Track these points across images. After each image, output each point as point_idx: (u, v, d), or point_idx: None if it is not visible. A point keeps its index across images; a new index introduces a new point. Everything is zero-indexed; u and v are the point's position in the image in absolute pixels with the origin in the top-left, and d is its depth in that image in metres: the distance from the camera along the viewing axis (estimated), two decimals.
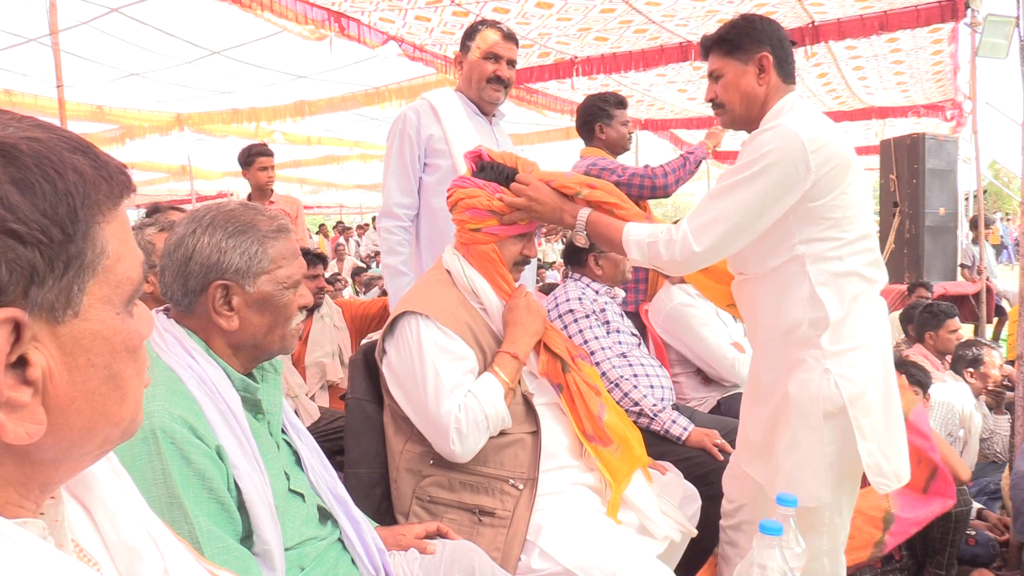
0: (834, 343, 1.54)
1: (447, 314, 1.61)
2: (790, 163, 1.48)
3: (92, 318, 0.51)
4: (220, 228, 1.14)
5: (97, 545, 0.61)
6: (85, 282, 0.50)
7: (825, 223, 1.54)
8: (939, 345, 3.54)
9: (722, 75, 1.67)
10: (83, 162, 0.51)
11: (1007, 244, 16.34)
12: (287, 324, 1.20)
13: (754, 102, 1.64)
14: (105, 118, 7.00)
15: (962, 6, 4.32)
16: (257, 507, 1.05)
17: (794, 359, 1.59)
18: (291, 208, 4.53)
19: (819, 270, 1.55)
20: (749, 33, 1.63)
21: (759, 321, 1.69)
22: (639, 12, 4.54)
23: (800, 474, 1.56)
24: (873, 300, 1.61)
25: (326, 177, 13.26)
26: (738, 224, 1.52)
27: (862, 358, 1.55)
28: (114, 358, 0.53)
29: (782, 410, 1.61)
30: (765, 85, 1.63)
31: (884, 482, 1.55)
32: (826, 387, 1.54)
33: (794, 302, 1.57)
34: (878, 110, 7.53)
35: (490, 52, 2.32)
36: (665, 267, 1.62)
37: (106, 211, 0.52)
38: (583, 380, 1.72)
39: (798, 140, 1.47)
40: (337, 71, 5.91)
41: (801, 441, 1.57)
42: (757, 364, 1.75)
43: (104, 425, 0.54)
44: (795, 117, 1.54)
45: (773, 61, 1.62)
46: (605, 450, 1.66)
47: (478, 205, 1.67)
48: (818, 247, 1.55)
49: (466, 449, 1.53)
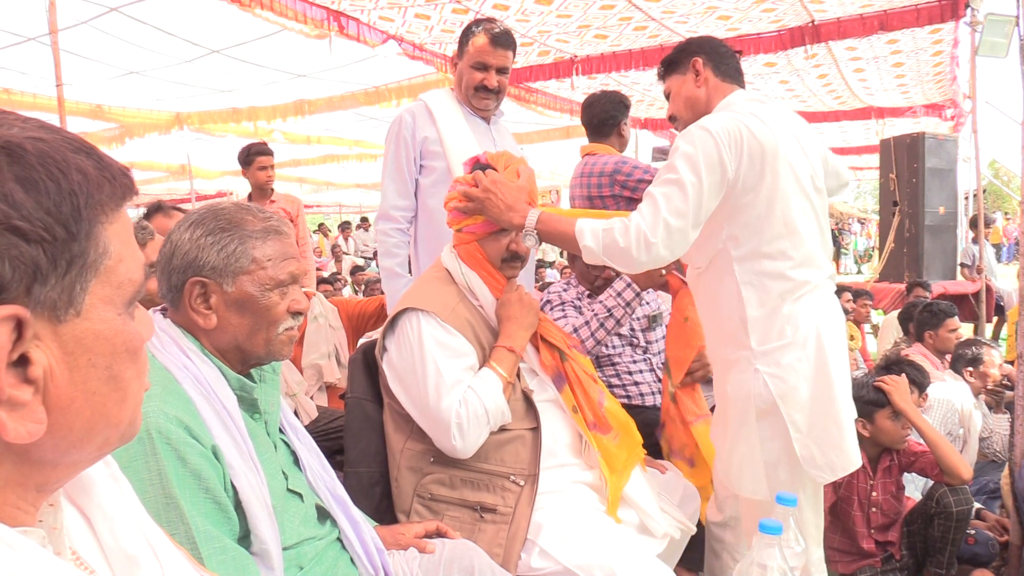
0: (762, 343, 1.59)
1: (448, 310, 1.62)
2: (707, 160, 1.52)
3: (94, 318, 0.51)
4: (203, 225, 1.13)
5: (95, 552, 0.61)
6: (88, 281, 0.50)
7: (749, 219, 1.58)
8: (939, 344, 3.54)
9: (670, 92, 1.81)
10: (87, 163, 0.51)
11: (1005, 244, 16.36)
12: (272, 328, 1.16)
13: (697, 103, 1.75)
14: (104, 117, 6.99)
15: (962, 5, 4.32)
16: (254, 507, 1.05)
17: (731, 359, 1.65)
18: (292, 207, 4.52)
19: (744, 268, 1.59)
20: (682, 49, 1.79)
21: (703, 318, 1.77)
22: (639, 8, 4.54)
23: (741, 469, 1.64)
24: (807, 296, 1.61)
25: (326, 176, 13.26)
26: (679, 219, 1.53)
27: (792, 355, 1.58)
28: (115, 359, 0.53)
29: (725, 409, 1.69)
30: (704, 86, 1.75)
31: (819, 473, 1.60)
32: (756, 386, 1.59)
33: (724, 300, 1.63)
34: (877, 110, 7.53)
35: (478, 61, 2.29)
36: (621, 256, 1.56)
37: (109, 212, 0.52)
38: (581, 368, 1.75)
39: (709, 138, 1.53)
40: (337, 70, 5.91)
41: (741, 439, 1.63)
42: (711, 360, 1.81)
43: (103, 426, 0.54)
44: (716, 115, 1.61)
45: (704, 61, 1.74)
46: (604, 438, 1.68)
47: (453, 207, 1.72)
48: (742, 243, 1.59)
49: (467, 444, 1.54)
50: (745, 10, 4.63)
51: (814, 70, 6.14)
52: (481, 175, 1.69)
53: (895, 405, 2.35)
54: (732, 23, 4.90)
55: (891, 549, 2.45)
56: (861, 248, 21.12)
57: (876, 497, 2.42)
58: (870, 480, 2.42)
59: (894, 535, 2.46)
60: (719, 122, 1.56)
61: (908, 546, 2.46)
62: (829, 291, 1.68)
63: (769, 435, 1.59)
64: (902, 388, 2.39)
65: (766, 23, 4.92)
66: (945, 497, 2.30)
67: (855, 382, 2.54)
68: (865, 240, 21.56)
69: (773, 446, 1.59)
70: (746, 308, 1.59)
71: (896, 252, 6.00)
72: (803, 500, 1.62)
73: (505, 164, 1.76)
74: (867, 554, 2.43)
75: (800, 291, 1.60)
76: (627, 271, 1.61)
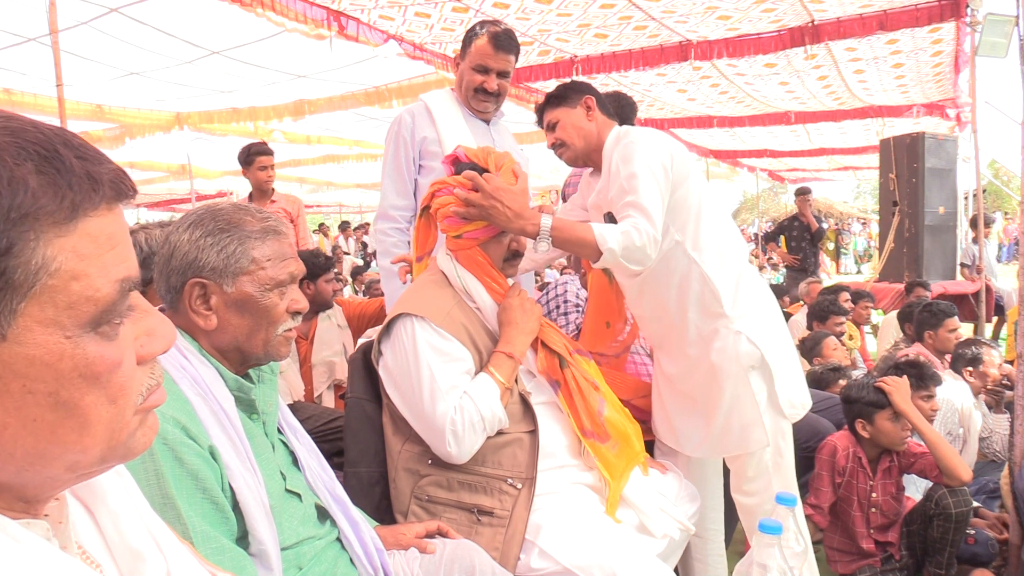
0: (736, 309, 1.81)
1: (442, 315, 1.60)
2: (656, 165, 1.72)
3: (27, 342, 0.46)
4: (202, 226, 1.13)
5: (100, 547, 0.60)
6: (15, 303, 0.46)
7: (688, 210, 1.79)
8: (938, 344, 3.54)
9: (557, 121, 1.94)
10: (30, 171, 0.46)
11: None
12: (271, 328, 1.16)
13: (589, 135, 1.92)
14: (105, 117, 6.99)
15: (962, 5, 4.32)
16: (251, 507, 1.05)
17: (708, 331, 1.83)
18: (292, 207, 4.52)
19: (700, 252, 1.80)
20: (571, 87, 1.97)
21: (663, 309, 1.89)
22: (639, 8, 4.54)
23: (742, 425, 1.82)
24: (747, 266, 1.90)
25: (326, 176, 13.25)
26: (659, 218, 1.69)
27: (761, 315, 1.85)
28: (63, 385, 0.48)
29: (712, 379, 1.83)
30: (594, 121, 1.92)
31: (795, 412, 1.86)
32: (743, 346, 1.79)
33: (687, 284, 1.82)
34: (877, 109, 7.53)
35: (479, 64, 2.28)
36: (638, 255, 1.67)
37: (52, 224, 0.47)
38: (582, 375, 1.72)
39: (646, 148, 1.74)
40: (337, 70, 5.91)
41: (737, 397, 1.81)
42: (673, 349, 1.92)
43: (60, 452, 0.50)
44: (634, 131, 1.82)
45: (596, 101, 1.93)
46: (603, 447, 1.65)
47: (452, 212, 1.66)
48: (688, 233, 1.80)
49: (462, 451, 1.53)
50: (745, 10, 4.63)
51: (814, 71, 6.14)
52: (482, 180, 1.63)
53: (895, 406, 2.35)
54: (732, 23, 4.90)
55: (891, 549, 2.45)
56: (861, 248, 21.12)
57: (876, 498, 2.42)
58: (870, 481, 2.43)
59: (894, 535, 2.46)
60: (644, 135, 1.78)
61: (908, 546, 2.46)
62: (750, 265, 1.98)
63: (759, 387, 1.81)
64: (903, 389, 2.39)
65: (766, 23, 4.93)
66: (944, 498, 2.30)
67: (855, 383, 2.55)
68: (865, 240, 21.56)
69: (762, 397, 1.81)
70: (715, 283, 1.79)
71: (896, 252, 6.01)
72: (782, 442, 1.85)
73: (497, 164, 1.71)
74: (867, 554, 2.43)
75: (742, 260, 1.87)
76: (638, 269, 1.71)
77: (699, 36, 5.20)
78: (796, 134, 9.84)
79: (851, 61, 5.81)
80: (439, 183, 1.73)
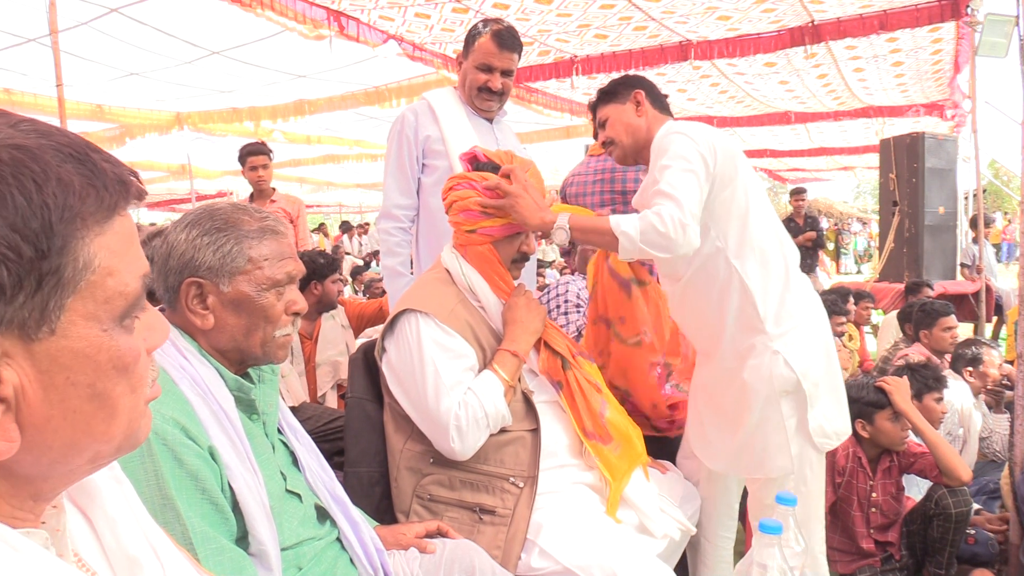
0: (777, 326, 1.69)
1: (446, 312, 1.61)
2: (695, 156, 1.63)
3: (72, 335, 0.49)
4: (199, 225, 1.13)
5: (97, 555, 0.61)
6: (64, 299, 0.48)
7: (732, 213, 1.69)
8: (933, 343, 3.53)
9: (607, 119, 1.88)
10: (72, 172, 0.48)
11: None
12: (269, 328, 1.16)
13: (638, 131, 1.84)
14: (105, 117, 6.99)
15: (962, 5, 4.32)
16: (251, 507, 1.05)
17: (745, 347, 1.72)
18: (292, 207, 4.52)
19: (742, 260, 1.70)
20: (622, 82, 1.90)
21: (703, 319, 1.81)
22: (639, 8, 4.54)
23: (765, 449, 1.72)
24: (794, 276, 1.76)
25: (326, 176, 13.26)
26: (695, 207, 1.58)
27: (804, 334, 1.72)
28: (99, 376, 0.51)
29: (742, 396, 1.73)
30: (644, 116, 1.85)
31: (826, 441, 1.73)
32: (778, 368, 1.68)
33: (727, 294, 1.72)
34: (877, 109, 7.53)
35: (483, 62, 2.28)
36: (661, 240, 1.55)
37: (95, 224, 0.49)
38: (584, 377, 1.72)
39: (688, 139, 1.65)
40: (337, 70, 5.91)
41: (765, 419, 1.71)
42: (712, 359, 1.84)
43: (89, 443, 0.52)
44: (680, 124, 1.73)
45: (646, 95, 1.86)
46: (605, 448, 1.66)
47: (471, 207, 1.67)
48: (731, 238, 1.70)
49: (466, 447, 1.53)
50: (745, 10, 4.63)
51: (814, 70, 6.14)
52: (516, 173, 1.68)
53: (896, 406, 2.35)
54: (732, 23, 4.90)
55: (891, 549, 2.46)
56: (861, 248, 21.11)
57: (876, 498, 2.42)
58: (870, 481, 2.43)
59: (894, 535, 2.46)
60: (688, 127, 1.68)
61: (908, 546, 2.46)
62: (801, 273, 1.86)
63: (789, 412, 1.69)
64: (903, 389, 2.39)
65: (766, 23, 4.93)
66: (944, 499, 2.30)
67: (855, 383, 2.55)
68: (865, 240, 21.55)
69: (791, 423, 1.70)
70: (754, 296, 1.69)
71: (896, 252, 6.00)
72: (809, 472, 1.73)
73: (508, 162, 1.74)
74: (867, 554, 2.43)
75: (791, 271, 1.75)
76: (665, 255, 1.58)
77: (699, 36, 5.20)
78: (796, 134, 9.85)
79: (851, 60, 5.81)
80: (458, 177, 1.75)
